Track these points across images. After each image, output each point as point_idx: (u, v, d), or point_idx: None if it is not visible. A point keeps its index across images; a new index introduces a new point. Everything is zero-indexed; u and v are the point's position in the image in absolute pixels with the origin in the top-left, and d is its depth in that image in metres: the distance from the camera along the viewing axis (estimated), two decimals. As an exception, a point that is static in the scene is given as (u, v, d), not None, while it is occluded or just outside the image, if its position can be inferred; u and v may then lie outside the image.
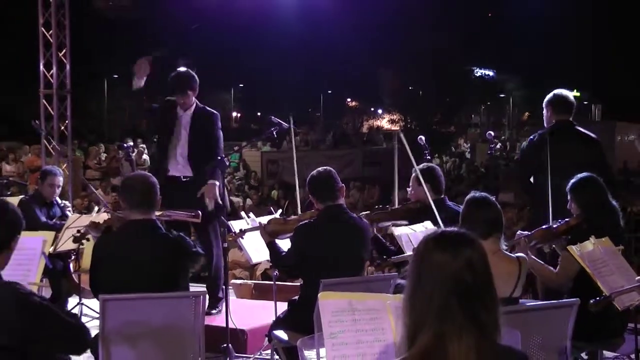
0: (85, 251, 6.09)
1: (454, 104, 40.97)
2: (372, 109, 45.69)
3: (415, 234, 4.76)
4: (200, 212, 5.09)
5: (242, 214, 5.80)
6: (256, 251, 5.18)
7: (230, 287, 6.80)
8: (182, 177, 5.99)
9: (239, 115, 45.51)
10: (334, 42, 32.97)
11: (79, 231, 5.58)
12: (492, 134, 9.44)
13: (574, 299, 3.54)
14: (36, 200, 6.74)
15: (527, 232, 4.50)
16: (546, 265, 4.46)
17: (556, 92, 5.81)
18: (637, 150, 24.29)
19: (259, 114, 41.66)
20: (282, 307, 4.87)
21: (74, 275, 6.49)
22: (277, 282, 5.53)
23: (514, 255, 3.85)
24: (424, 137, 6.87)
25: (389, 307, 2.82)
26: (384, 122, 43.41)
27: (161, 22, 28.20)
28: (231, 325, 5.10)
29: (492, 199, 3.88)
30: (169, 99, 6.07)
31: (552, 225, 4.57)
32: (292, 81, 35.93)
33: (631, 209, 11.72)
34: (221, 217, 5.56)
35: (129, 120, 31.41)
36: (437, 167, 5.65)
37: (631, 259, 5.12)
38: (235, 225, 5.27)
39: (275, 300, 5.32)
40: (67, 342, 3.04)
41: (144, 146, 17.70)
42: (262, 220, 5.04)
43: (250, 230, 5.09)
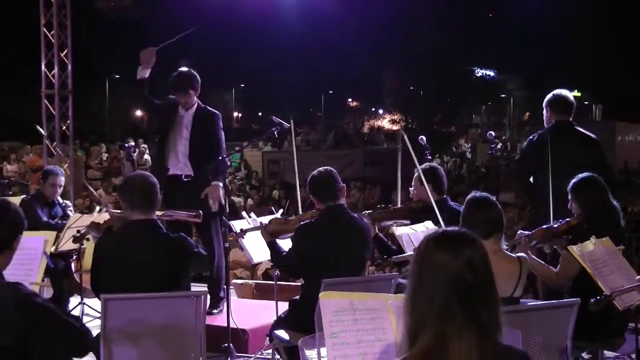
0: (86, 251, 6.09)
1: (454, 104, 41.07)
2: (373, 109, 45.72)
3: (415, 234, 4.76)
4: (201, 212, 5.10)
5: (243, 213, 5.81)
6: (257, 251, 5.18)
7: (231, 286, 6.81)
8: (183, 177, 5.98)
9: (240, 115, 45.54)
10: (335, 42, 33.02)
11: (78, 231, 5.57)
12: (492, 134, 9.48)
13: (575, 299, 3.54)
14: (38, 200, 6.75)
15: (528, 232, 4.50)
16: (547, 265, 4.46)
17: (556, 92, 5.81)
18: (637, 150, 24.24)
19: (260, 114, 41.72)
20: (283, 306, 4.87)
21: (75, 274, 6.50)
22: (278, 282, 5.53)
23: (514, 255, 3.85)
24: (424, 137, 6.88)
25: (390, 307, 2.82)
26: (385, 122, 43.45)
27: (162, 22, 28.19)
28: (232, 325, 5.11)
29: (492, 199, 3.88)
30: (171, 98, 6.06)
31: (552, 225, 4.57)
32: (292, 81, 35.97)
33: (632, 209, 11.72)
34: (222, 217, 5.56)
35: (130, 120, 31.46)
36: (439, 167, 5.63)
37: (632, 258, 5.13)
38: (236, 225, 5.27)
39: (276, 300, 5.32)
40: (69, 344, 3.03)
41: (145, 146, 17.72)
42: (263, 220, 5.04)
43: (251, 230, 5.09)
